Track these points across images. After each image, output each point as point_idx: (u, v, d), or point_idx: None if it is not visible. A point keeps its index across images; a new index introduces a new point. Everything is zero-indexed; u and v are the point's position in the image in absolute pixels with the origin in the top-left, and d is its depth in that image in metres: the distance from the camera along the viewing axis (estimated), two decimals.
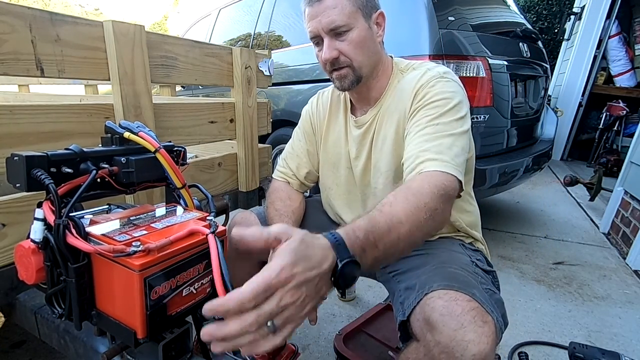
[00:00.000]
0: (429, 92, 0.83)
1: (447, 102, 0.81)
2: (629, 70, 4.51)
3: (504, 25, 2.27)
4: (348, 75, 0.88)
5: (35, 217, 0.50)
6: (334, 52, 0.86)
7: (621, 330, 1.52)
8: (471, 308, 0.65)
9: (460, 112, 0.81)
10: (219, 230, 0.53)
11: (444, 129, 0.78)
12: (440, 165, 0.72)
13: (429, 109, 0.82)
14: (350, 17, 0.83)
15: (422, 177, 0.71)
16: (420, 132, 0.80)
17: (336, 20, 0.83)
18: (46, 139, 0.82)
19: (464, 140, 0.79)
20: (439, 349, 0.64)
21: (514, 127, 2.13)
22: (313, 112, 1.09)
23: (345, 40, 0.85)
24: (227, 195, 1.40)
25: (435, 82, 0.84)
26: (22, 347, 1.34)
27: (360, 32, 0.85)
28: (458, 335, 0.62)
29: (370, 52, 0.88)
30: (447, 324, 0.64)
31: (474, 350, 0.61)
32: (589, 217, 2.89)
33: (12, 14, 0.73)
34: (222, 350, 0.44)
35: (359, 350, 1.24)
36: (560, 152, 4.89)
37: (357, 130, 0.97)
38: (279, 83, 2.50)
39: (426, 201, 0.65)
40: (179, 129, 1.14)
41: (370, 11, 0.87)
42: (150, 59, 0.99)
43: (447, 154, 0.74)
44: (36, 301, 0.86)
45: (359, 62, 0.87)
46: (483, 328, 0.63)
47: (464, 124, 0.81)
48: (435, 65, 0.91)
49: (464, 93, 0.86)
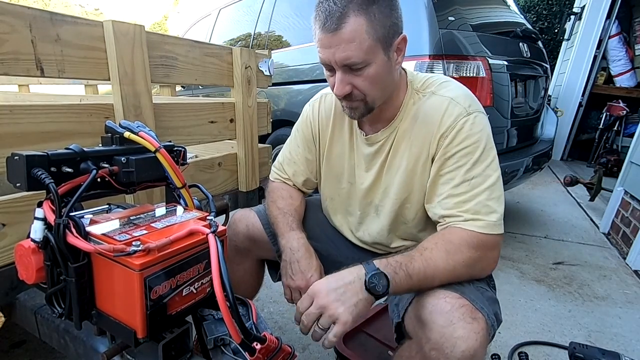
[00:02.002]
0: (457, 137, 0.79)
1: (477, 146, 0.78)
2: (629, 70, 4.51)
3: (504, 25, 2.27)
4: (359, 108, 0.83)
5: (36, 216, 0.50)
6: (346, 87, 0.78)
7: (621, 330, 1.52)
8: (460, 305, 0.66)
9: (491, 153, 0.79)
10: (219, 230, 0.53)
11: (479, 184, 0.77)
12: (479, 227, 0.74)
13: (460, 157, 0.78)
14: (368, 53, 0.73)
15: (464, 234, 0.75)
16: (455, 188, 0.78)
17: (352, 56, 0.73)
18: (46, 139, 0.82)
19: (499, 186, 0.78)
20: (429, 345, 0.66)
21: (514, 127, 2.13)
22: (314, 117, 1.03)
23: (361, 76, 0.76)
24: (227, 195, 1.40)
25: (463, 123, 0.79)
26: (22, 347, 1.34)
27: (377, 69, 0.76)
28: (447, 332, 0.64)
29: (387, 85, 0.82)
30: (436, 320, 0.66)
31: (462, 346, 0.62)
32: (589, 217, 2.89)
33: (12, 14, 0.73)
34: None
35: (359, 350, 1.24)
36: (560, 152, 4.89)
37: (368, 148, 0.92)
38: (279, 83, 2.50)
39: (463, 258, 0.73)
40: (179, 128, 1.14)
41: (392, 40, 0.76)
42: (150, 59, 0.99)
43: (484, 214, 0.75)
44: (36, 301, 0.85)
45: (374, 96, 0.81)
46: (472, 324, 0.64)
47: (497, 166, 0.80)
48: (457, 92, 0.83)
49: (487, 122, 0.82)
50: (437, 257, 0.72)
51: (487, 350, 1.36)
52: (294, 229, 0.94)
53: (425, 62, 1.78)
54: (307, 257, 0.89)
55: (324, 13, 0.72)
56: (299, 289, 0.87)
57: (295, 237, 0.92)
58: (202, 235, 0.52)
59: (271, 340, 0.57)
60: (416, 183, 0.86)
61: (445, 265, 0.72)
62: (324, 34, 0.74)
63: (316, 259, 0.91)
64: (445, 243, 0.74)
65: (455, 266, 0.72)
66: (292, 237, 0.92)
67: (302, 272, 0.87)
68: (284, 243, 0.92)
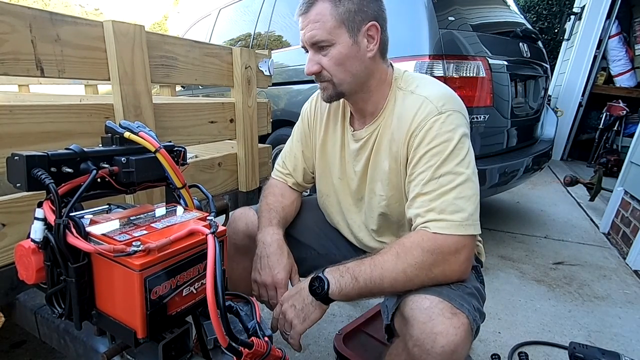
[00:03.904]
0: (426, 136, 0.79)
1: (446, 145, 0.77)
2: (629, 70, 4.51)
3: (504, 25, 2.27)
4: (328, 89, 0.87)
5: (36, 216, 0.50)
6: (315, 66, 0.84)
7: (621, 330, 1.52)
8: (439, 301, 0.67)
9: (462, 152, 0.78)
10: (219, 230, 0.53)
11: (446, 182, 0.75)
12: (440, 228, 0.73)
13: (431, 156, 0.78)
14: (331, 33, 0.80)
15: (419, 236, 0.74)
16: (424, 186, 0.77)
17: (316, 35, 0.80)
18: (46, 139, 0.82)
19: (469, 186, 0.76)
20: (412, 342, 0.67)
21: (514, 127, 2.13)
22: (311, 113, 1.06)
23: (326, 56, 0.82)
24: (227, 195, 1.40)
25: (432, 123, 0.79)
26: (22, 347, 1.33)
27: (341, 49, 0.81)
28: (427, 328, 0.65)
29: (354, 70, 0.84)
30: (417, 317, 0.67)
31: (442, 341, 0.63)
32: (589, 217, 2.89)
33: (12, 14, 0.73)
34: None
35: (359, 350, 1.24)
36: (560, 152, 4.89)
37: (355, 144, 0.94)
38: (279, 83, 2.50)
39: (415, 260, 0.72)
40: (179, 129, 1.14)
41: (359, 25, 0.81)
42: (150, 59, 0.99)
43: (450, 212, 0.73)
44: (36, 301, 0.86)
45: (340, 79, 0.84)
46: (451, 320, 0.65)
47: (468, 165, 0.78)
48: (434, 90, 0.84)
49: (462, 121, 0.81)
50: (387, 259, 0.74)
51: (488, 350, 1.36)
52: (272, 225, 0.95)
53: (425, 62, 1.78)
54: (278, 254, 0.90)
55: (302, 1, 0.83)
56: (265, 285, 0.88)
57: (270, 232, 0.93)
58: (202, 235, 0.52)
59: (259, 344, 0.57)
60: (397, 182, 0.87)
61: (393, 267, 0.72)
62: (298, 17, 0.84)
63: (288, 257, 0.91)
64: (398, 246, 0.75)
65: (405, 268, 0.72)
66: (268, 232, 0.93)
67: (270, 267, 0.88)
68: (260, 237, 0.93)
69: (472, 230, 0.74)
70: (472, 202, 0.75)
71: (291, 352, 1.34)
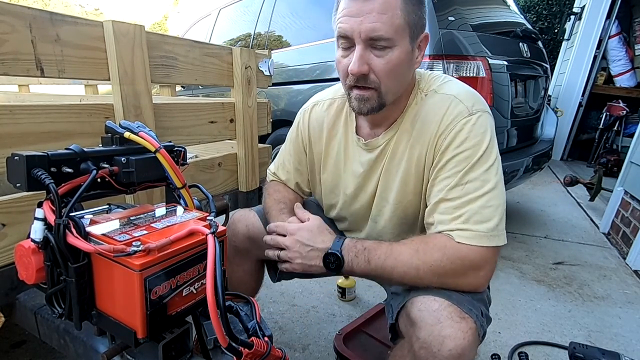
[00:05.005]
0: (456, 139, 0.73)
1: (476, 150, 0.72)
2: (629, 70, 4.51)
3: (504, 25, 2.27)
4: (371, 100, 0.75)
5: (36, 216, 0.50)
6: (364, 66, 0.71)
7: (621, 330, 1.52)
8: (448, 305, 0.66)
9: (491, 157, 0.73)
10: (219, 230, 0.53)
11: (473, 190, 0.71)
12: (465, 238, 0.69)
13: (459, 161, 0.73)
14: (397, 32, 0.69)
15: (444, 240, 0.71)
16: (449, 192, 0.73)
17: (381, 29, 0.67)
18: (46, 139, 0.82)
19: (496, 194, 0.71)
20: (418, 344, 0.65)
21: (514, 127, 2.13)
22: (305, 127, 0.99)
23: (382, 58, 0.70)
24: (227, 195, 1.40)
25: (463, 124, 0.73)
26: (22, 347, 1.33)
27: (401, 55, 0.71)
28: (435, 330, 0.64)
29: (404, 79, 0.77)
30: (425, 318, 0.66)
31: (450, 345, 0.62)
32: (589, 217, 2.89)
33: (12, 14, 0.73)
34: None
35: (359, 350, 1.24)
36: (560, 152, 4.89)
37: (368, 154, 0.87)
38: (279, 83, 2.50)
39: (433, 263, 0.70)
40: (179, 129, 1.14)
41: (419, 32, 0.73)
42: (150, 59, 0.99)
43: (475, 222, 0.69)
44: (36, 301, 0.85)
45: (388, 87, 0.74)
46: (460, 324, 0.64)
47: (497, 171, 0.73)
48: (461, 89, 0.79)
49: (491, 122, 0.76)
50: (404, 252, 0.72)
51: (488, 350, 1.36)
52: (284, 214, 0.93)
53: (425, 62, 1.78)
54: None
55: None
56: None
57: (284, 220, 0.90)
58: (202, 235, 0.52)
59: (259, 344, 0.57)
60: (415, 186, 0.82)
61: (408, 261, 0.70)
62: (353, 1, 0.69)
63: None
64: (420, 242, 0.72)
65: (419, 266, 0.69)
66: (282, 219, 0.90)
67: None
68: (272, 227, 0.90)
69: (497, 242, 0.70)
70: (499, 211, 0.71)
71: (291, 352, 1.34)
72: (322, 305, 1.65)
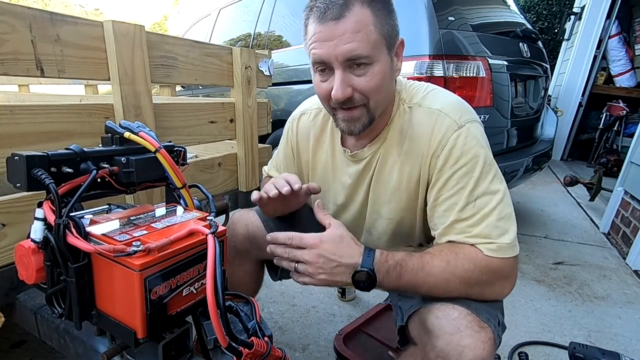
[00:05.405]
0: (451, 156, 0.71)
1: (474, 163, 0.71)
2: (629, 70, 4.51)
3: (504, 25, 2.27)
4: (361, 118, 0.73)
5: (36, 216, 0.50)
6: (348, 89, 0.70)
7: (621, 330, 1.52)
8: (467, 314, 0.65)
9: (493, 166, 0.72)
10: (219, 230, 0.53)
11: (484, 204, 0.69)
12: (491, 250, 0.68)
13: (460, 178, 0.71)
14: (374, 48, 0.67)
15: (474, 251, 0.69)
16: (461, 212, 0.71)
17: (358, 49, 0.66)
18: (46, 139, 0.82)
19: (507, 202, 0.71)
20: (434, 353, 0.64)
21: (514, 127, 2.13)
22: (293, 136, 0.99)
23: (364, 76, 0.69)
24: (227, 195, 1.40)
25: (455, 139, 0.71)
26: (22, 347, 1.33)
27: (382, 68, 0.69)
28: (454, 340, 0.62)
29: (389, 91, 0.75)
30: (444, 327, 0.64)
31: (469, 355, 0.60)
32: (589, 217, 2.89)
33: (12, 14, 0.73)
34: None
35: (359, 350, 1.24)
36: (560, 152, 4.90)
37: (355, 165, 0.86)
38: (279, 83, 2.50)
39: (464, 275, 0.67)
40: (179, 129, 1.14)
41: (395, 40, 0.72)
42: (150, 59, 0.99)
43: (497, 236, 0.68)
44: (36, 301, 0.85)
45: (376, 101, 0.72)
46: (480, 334, 0.62)
47: (501, 179, 0.72)
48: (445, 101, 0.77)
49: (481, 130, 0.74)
50: (436, 265, 0.68)
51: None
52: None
53: (425, 62, 1.78)
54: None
55: (324, 3, 0.66)
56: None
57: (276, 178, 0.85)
58: (202, 235, 0.52)
59: (259, 344, 0.57)
60: (408, 203, 0.81)
61: (440, 274, 0.67)
62: (322, 25, 0.67)
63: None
64: (450, 253, 0.69)
65: (449, 279, 0.67)
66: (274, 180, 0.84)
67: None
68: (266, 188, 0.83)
69: (515, 252, 0.70)
70: (513, 218, 0.71)
71: (291, 352, 1.34)
72: (322, 305, 1.65)
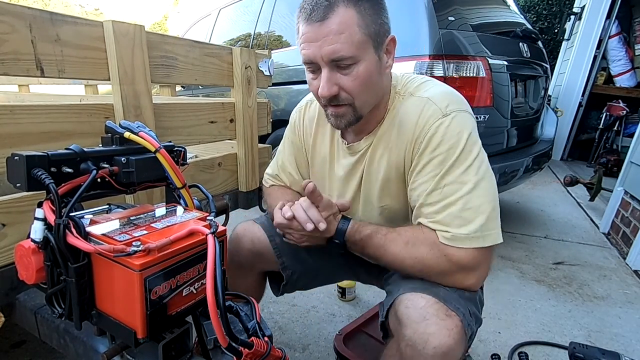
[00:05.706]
0: (431, 142, 0.72)
1: (452, 152, 0.71)
2: (629, 70, 4.51)
3: (504, 25, 2.27)
4: (346, 115, 0.76)
5: (36, 216, 0.50)
6: (333, 88, 0.72)
7: (621, 330, 1.52)
8: (435, 302, 0.66)
9: (469, 157, 0.71)
10: (219, 230, 0.53)
11: (451, 193, 0.70)
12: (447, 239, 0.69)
13: (436, 164, 0.72)
14: (359, 49, 0.69)
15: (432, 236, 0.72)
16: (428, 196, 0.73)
17: (341, 50, 0.68)
18: (46, 139, 0.82)
19: (479, 194, 0.70)
20: (404, 342, 0.65)
21: (514, 127, 2.13)
22: (300, 124, 1.01)
23: (349, 75, 0.71)
24: (227, 195, 1.40)
25: (437, 127, 0.72)
26: (22, 347, 1.34)
27: (368, 67, 0.71)
28: (420, 328, 0.63)
29: (377, 88, 0.76)
30: (411, 316, 0.65)
31: (434, 342, 0.61)
32: (589, 217, 2.89)
33: (12, 14, 0.73)
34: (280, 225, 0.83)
35: (359, 350, 1.24)
36: (560, 152, 4.90)
37: (350, 157, 0.88)
38: (279, 83, 2.50)
39: (417, 256, 0.72)
40: (179, 129, 1.14)
41: (383, 38, 0.72)
42: (150, 59, 0.99)
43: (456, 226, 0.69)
44: (36, 301, 0.85)
45: (362, 100, 0.74)
46: (445, 321, 0.63)
47: (477, 170, 0.71)
48: (436, 90, 0.78)
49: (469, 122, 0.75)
50: (396, 243, 0.75)
51: (488, 350, 1.36)
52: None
53: (425, 62, 1.78)
54: None
55: (310, 5, 0.69)
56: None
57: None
58: (202, 235, 0.52)
59: (259, 344, 0.57)
60: (398, 192, 0.83)
61: (397, 252, 0.74)
62: (309, 26, 0.69)
63: None
64: (412, 236, 0.74)
65: (404, 258, 0.73)
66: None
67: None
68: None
69: (482, 242, 0.69)
70: (483, 211, 0.69)
71: (291, 352, 1.34)
72: (322, 305, 1.65)
